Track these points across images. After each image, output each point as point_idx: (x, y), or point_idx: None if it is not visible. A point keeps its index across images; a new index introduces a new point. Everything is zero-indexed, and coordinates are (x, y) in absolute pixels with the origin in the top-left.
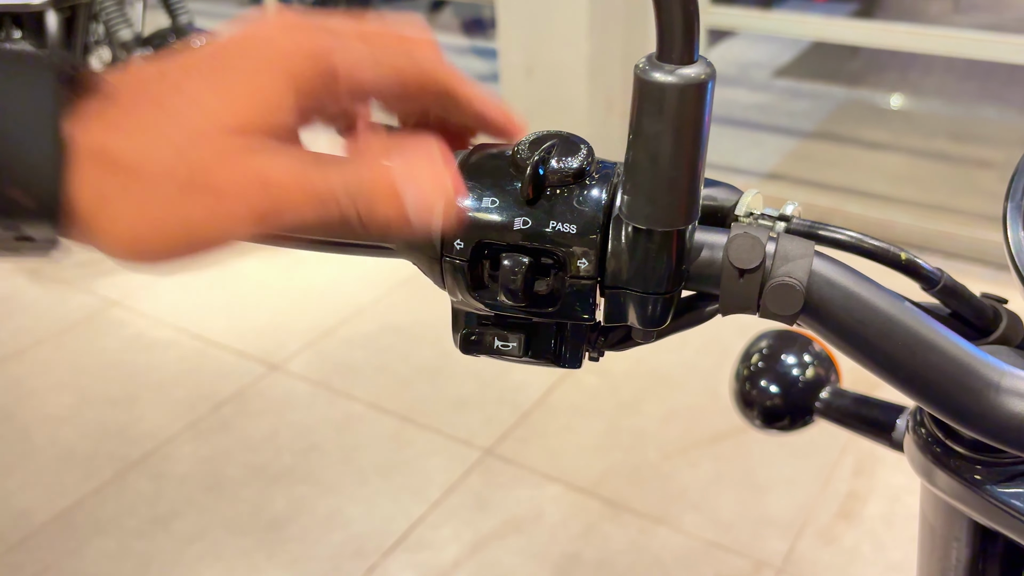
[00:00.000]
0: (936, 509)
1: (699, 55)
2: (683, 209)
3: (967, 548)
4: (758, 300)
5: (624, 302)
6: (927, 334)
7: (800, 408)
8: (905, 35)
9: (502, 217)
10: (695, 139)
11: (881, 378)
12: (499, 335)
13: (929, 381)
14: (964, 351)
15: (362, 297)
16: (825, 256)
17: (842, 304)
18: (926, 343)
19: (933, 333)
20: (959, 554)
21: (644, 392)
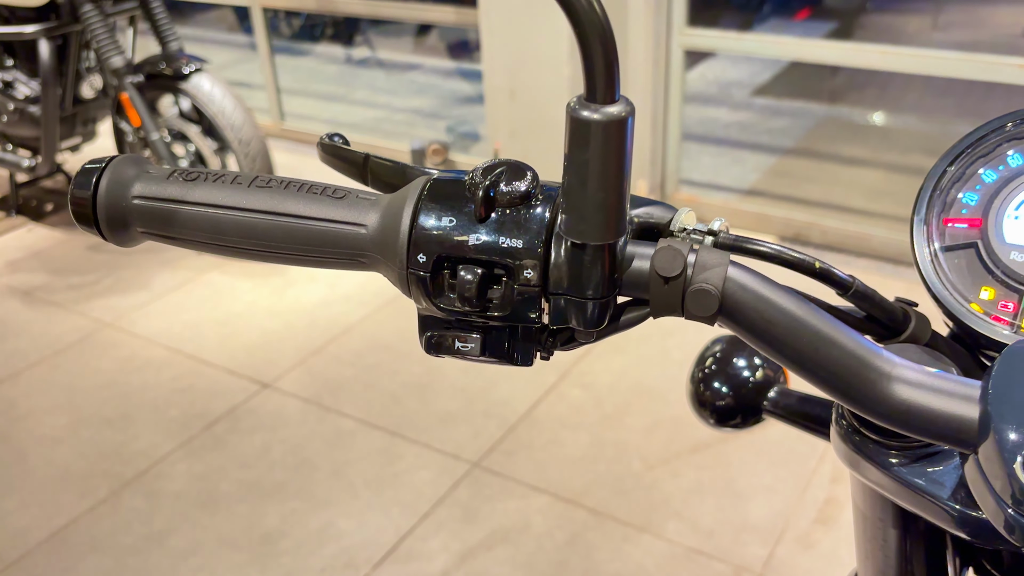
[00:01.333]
0: (863, 495)
1: (620, 95)
2: (612, 226)
3: (893, 529)
4: (681, 304)
5: (566, 307)
6: (828, 331)
7: (750, 407)
8: (877, 55)
9: (459, 234)
10: (619, 166)
11: (790, 370)
12: (459, 337)
13: (831, 372)
14: (861, 346)
15: (350, 316)
16: (739, 265)
17: (754, 306)
18: (827, 339)
19: (834, 330)
20: (887, 536)
21: (627, 405)
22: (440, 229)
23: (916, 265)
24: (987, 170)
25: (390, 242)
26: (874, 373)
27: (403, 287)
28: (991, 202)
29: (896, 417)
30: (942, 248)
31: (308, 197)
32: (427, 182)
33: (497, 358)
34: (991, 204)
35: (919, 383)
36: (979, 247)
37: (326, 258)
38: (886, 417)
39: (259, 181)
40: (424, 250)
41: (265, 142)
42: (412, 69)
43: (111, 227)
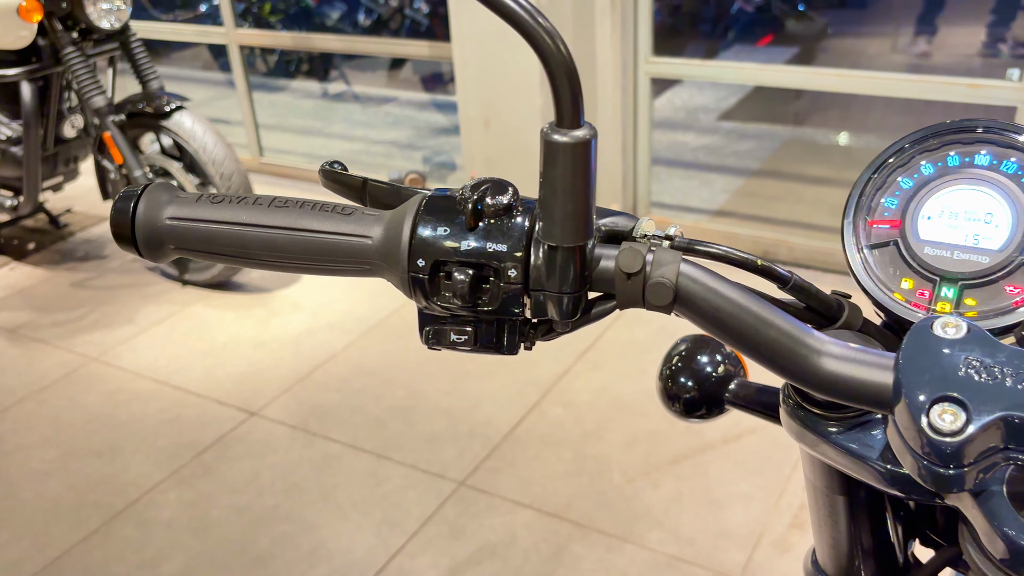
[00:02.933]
0: (812, 467)
1: (584, 121)
2: (581, 231)
3: (840, 496)
4: (643, 296)
5: (544, 301)
6: (767, 316)
7: (713, 399)
8: (834, 78)
9: (452, 241)
10: (585, 180)
11: (737, 350)
12: (454, 330)
13: (770, 350)
14: (794, 327)
15: (334, 344)
16: (690, 262)
17: (703, 296)
18: (767, 322)
19: (772, 315)
20: (835, 504)
21: (607, 420)
22: (436, 238)
23: (847, 262)
24: (904, 178)
25: (393, 250)
26: (805, 349)
27: (405, 289)
28: (908, 205)
29: (825, 386)
30: (868, 246)
31: (321, 215)
32: (423, 199)
33: (487, 348)
34: (908, 207)
35: (842, 356)
36: (899, 244)
37: (337, 266)
38: (817, 386)
39: (277, 202)
40: (423, 256)
41: (247, 176)
42: (387, 102)
43: (148, 246)
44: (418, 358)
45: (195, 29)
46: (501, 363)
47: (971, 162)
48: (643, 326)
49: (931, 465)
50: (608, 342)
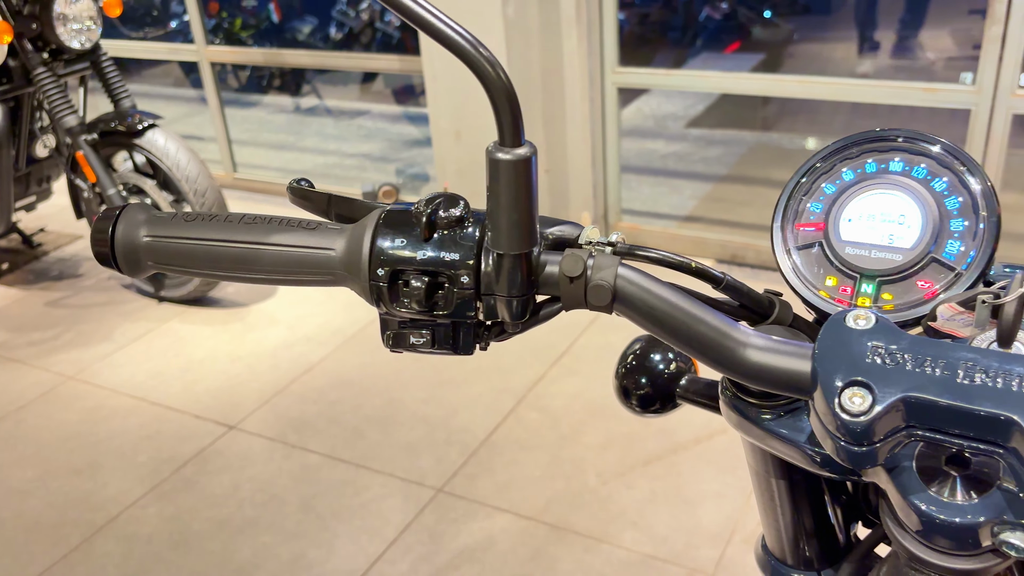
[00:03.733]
0: (752, 454)
1: (525, 140)
2: (525, 240)
3: (779, 480)
4: (584, 298)
5: (495, 304)
6: (697, 312)
7: (666, 394)
8: (795, 84)
9: (408, 252)
10: (527, 194)
11: (672, 344)
12: (413, 334)
13: (701, 344)
14: (722, 323)
15: (311, 356)
16: (628, 266)
17: (639, 296)
18: (697, 318)
19: (702, 312)
20: (775, 488)
21: (582, 424)
22: (394, 248)
23: (776, 263)
24: (827, 184)
25: (354, 261)
26: (732, 342)
27: (367, 297)
28: (831, 209)
29: (751, 375)
30: (795, 248)
31: (287, 229)
32: (382, 213)
33: (445, 349)
34: (831, 211)
35: (765, 347)
36: (823, 245)
37: (304, 277)
38: (743, 375)
39: (247, 219)
40: (382, 266)
41: (220, 192)
42: (360, 115)
43: (127, 263)
44: (394, 368)
45: (166, 47)
46: (477, 371)
47: (886, 168)
48: (616, 331)
49: (845, 444)
50: (582, 347)
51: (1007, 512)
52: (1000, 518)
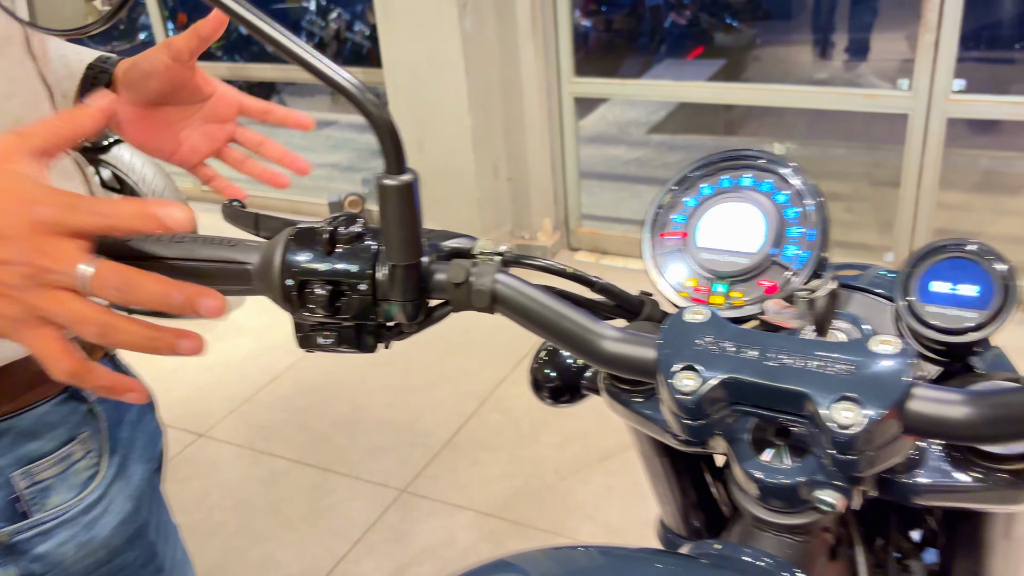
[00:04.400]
0: (636, 438)
1: (407, 168)
2: (413, 252)
3: (660, 458)
4: (469, 301)
5: (391, 308)
6: (564, 311)
7: (574, 386)
8: (742, 91)
9: (313, 264)
10: (412, 213)
11: (545, 338)
12: (321, 335)
13: (567, 338)
14: (585, 319)
15: (278, 365)
16: (505, 272)
17: (514, 298)
18: (564, 316)
19: (568, 310)
20: (658, 465)
21: (541, 424)
22: (300, 261)
23: (646, 267)
24: (688, 199)
25: (268, 273)
26: (592, 335)
27: (280, 304)
28: (691, 220)
29: (608, 363)
30: (661, 254)
31: (211, 246)
32: (292, 231)
33: (350, 348)
34: (691, 221)
35: (619, 339)
36: (684, 251)
37: (227, 288)
38: (602, 363)
39: (177, 237)
40: (291, 276)
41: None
42: (328, 126)
43: None
44: (360, 375)
45: None
46: (441, 376)
47: (738, 183)
48: None
49: (682, 418)
50: None
51: (819, 473)
52: (813, 478)
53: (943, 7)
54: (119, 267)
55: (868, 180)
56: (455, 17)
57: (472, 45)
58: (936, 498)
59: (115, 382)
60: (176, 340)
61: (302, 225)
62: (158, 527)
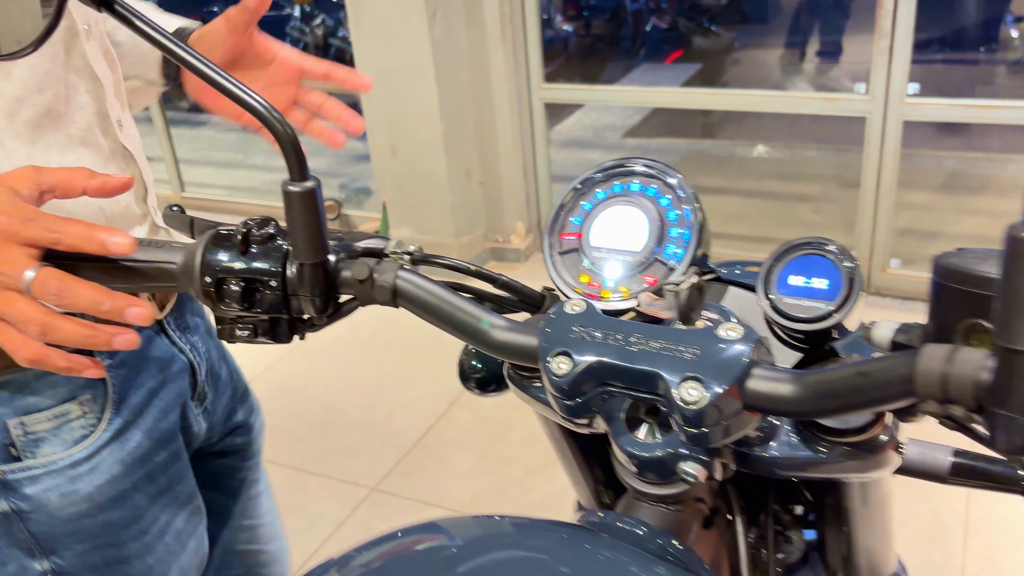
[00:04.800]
0: (543, 423)
1: (310, 175)
2: (318, 251)
3: (565, 441)
4: (372, 296)
5: (301, 303)
6: (460, 304)
7: (499, 377)
8: (706, 96)
9: (229, 263)
10: (316, 216)
11: (444, 330)
12: (239, 327)
13: (462, 329)
14: (477, 312)
15: (254, 368)
16: (408, 270)
17: (414, 293)
18: (459, 308)
19: (463, 303)
20: (564, 445)
21: (511, 422)
22: (217, 261)
23: (546, 265)
24: (585, 203)
25: (189, 272)
26: (488, 328)
27: (200, 299)
28: (586, 222)
29: (498, 350)
30: (560, 253)
31: (142, 248)
32: (212, 233)
33: (266, 339)
34: (586, 223)
35: (508, 328)
36: (580, 251)
37: (155, 284)
38: (493, 351)
39: None
40: (209, 275)
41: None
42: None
43: None
44: (336, 378)
45: None
46: (413, 377)
47: (628, 188)
48: None
49: (559, 399)
50: None
51: (681, 447)
52: (677, 451)
53: (896, 14)
54: (59, 275)
55: (836, 182)
56: (425, 25)
57: (442, 52)
58: (791, 470)
59: (71, 363)
60: (111, 337)
61: (222, 228)
62: (156, 495)
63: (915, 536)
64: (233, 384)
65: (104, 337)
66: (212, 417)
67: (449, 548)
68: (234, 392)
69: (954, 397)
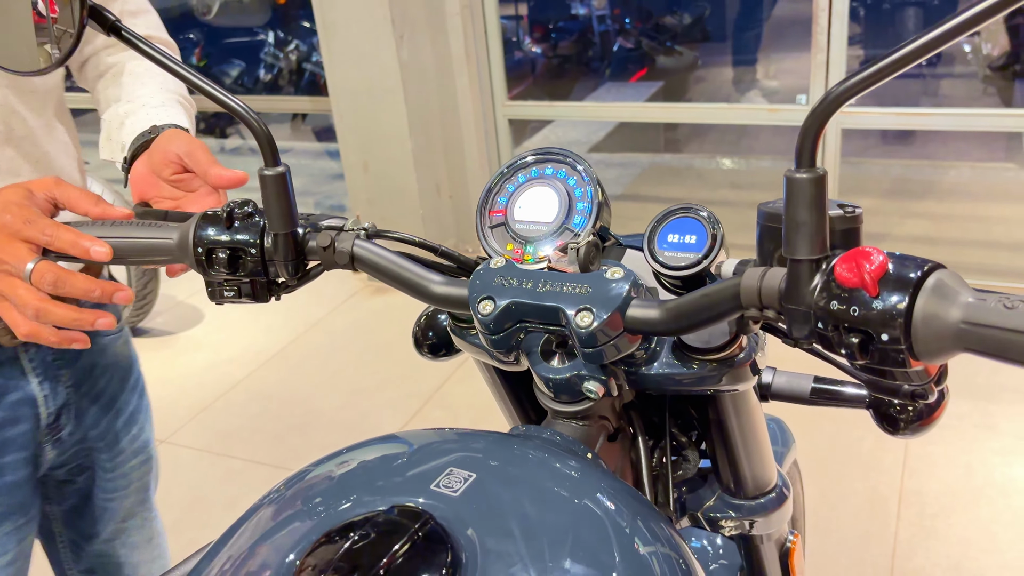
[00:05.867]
0: (480, 367)
1: (281, 162)
2: (287, 222)
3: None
4: (334, 260)
5: (278, 267)
6: (407, 265)
7: (448, 343)
8: (659, 110)
9: (216, 236)
10: (286, 194)
11: (395, 287)
12: (226, 289)
13: (409, 286)
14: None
15: (235, 375)
16: (363, 240)
17: (368, 257)
18: (407, 269)
19: (410, 265)
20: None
21: (481, 417)
22: (207, 235)
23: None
24: (509, 184)
25: (184, 245)
26: (426, 282)
27: (194, 267)
28: (510, 201)
29: (438, 301)
30: (489, 227)
31: (142, 227)
32: (201, 214)
33: (249, 299)
34: (510, 202)
35: (445, 283)
36: (505, 224)
37: (155, 258)
38: (436, 303)
39: (115, 222)
40: (201, 246)
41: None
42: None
43: None
44: (313, 381)
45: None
46: (388, 380)
47: (544, 173)
48: None
49: (487, 335)
50: None
51: (583, 370)
52: (580, 373)
53: (830, 30)
54: (54, 268)
55: None
56: (393, 48)
57: (410, 73)
58: (671, 385)
59: (60, 338)
60: (95, 319)
61: (208, 211)
62: None
63: (854, 510)
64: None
65: (89, 319)
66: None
67: (401, 455)
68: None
69: (767, 304)
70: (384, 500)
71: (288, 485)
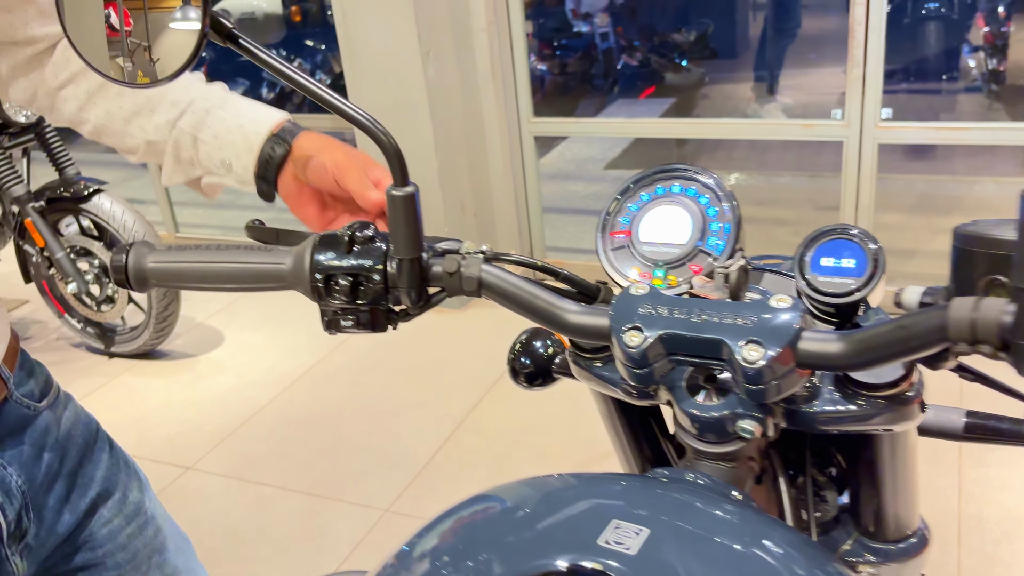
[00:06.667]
0: (597, 400)
1: (410, 181)
2: (415, 248)
3: (617, 416)
4: (460, 286)
5: (400, 294)
6: (537, 292)
7: (546, 372)
8: (687, 126)
9: (336, 261)
10: (414, 217)
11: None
12: (343, 318)
13: (540, 313)
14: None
15: (260, 399)
16: (491, 264)
17: (496, 283)
18: (539, 296)
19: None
20: (616, 422)
21: (514, 443)
22: (326, 260)
23: (600, 261)
24: (631, 204)
25: (299, 271)
26: (559, 310)
27: (310, 295)
28: (634, 221)
29: (572, 331)
30: (612, 250)
31: (250, 252)
32: (317, 237)
33: (367, 329)
34: (634, 222)
35: (580, 312)
36: (630, 246)
37: (263, 285)
38: (568, 331)
39: (221, 246)
40: (318, 271)
41: None
42: None
43: (137, 281)
44: (339, 405)
45: None
46: (418, 403)
47: (669, 191)
48: None
49: (630, 368)
50: None
51: (739, 407)
52: (735, 411)
53: (867, 44)
54: None
55: (811, 205)
56: (419, 65)
57: (436, 91)
58: (833, 424)
59: None
60: None
61: (326, 232)
62: None
63: None
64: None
65: None
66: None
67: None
68: None
69: (982, 338)
70: (549, 556)
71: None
